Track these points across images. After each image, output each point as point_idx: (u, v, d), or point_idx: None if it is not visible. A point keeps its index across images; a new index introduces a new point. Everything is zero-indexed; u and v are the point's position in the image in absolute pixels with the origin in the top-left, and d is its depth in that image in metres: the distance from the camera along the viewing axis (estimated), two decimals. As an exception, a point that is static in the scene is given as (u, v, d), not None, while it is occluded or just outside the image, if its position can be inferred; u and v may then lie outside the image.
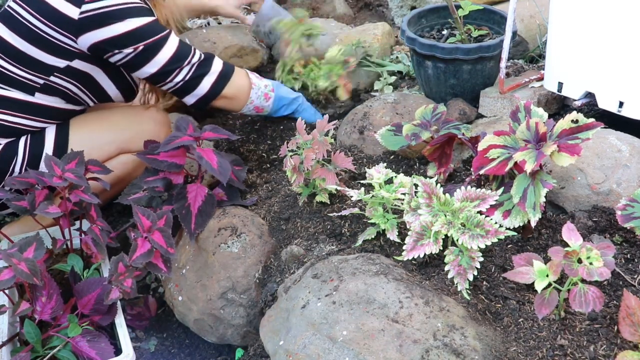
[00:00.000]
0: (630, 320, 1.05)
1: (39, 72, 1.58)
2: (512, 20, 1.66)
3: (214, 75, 1.73)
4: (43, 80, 1.59)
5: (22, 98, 1.60)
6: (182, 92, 1.73)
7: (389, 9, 2.72)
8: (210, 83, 1.73)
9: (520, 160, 1.26)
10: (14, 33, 1.55)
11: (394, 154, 1.74)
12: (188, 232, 1.55)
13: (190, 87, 1.71)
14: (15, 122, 1.61)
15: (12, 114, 1.60)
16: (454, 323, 1.13)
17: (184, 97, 1.74)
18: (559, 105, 1.82)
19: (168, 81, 1.68)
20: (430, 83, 1.90)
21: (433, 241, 1.24)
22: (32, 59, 1.56)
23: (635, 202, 1.28)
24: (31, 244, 1.36)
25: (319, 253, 1.45)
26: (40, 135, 1.65)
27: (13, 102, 1.60)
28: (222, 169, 1.55)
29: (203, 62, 1.71)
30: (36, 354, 1.32)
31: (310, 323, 1.17)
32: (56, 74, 1.59)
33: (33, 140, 1.64)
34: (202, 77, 1.71)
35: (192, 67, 1.68)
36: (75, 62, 1.60)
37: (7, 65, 1.57)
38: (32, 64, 1.57)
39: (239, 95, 1.81)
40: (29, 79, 1.58)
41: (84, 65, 1.62)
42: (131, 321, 1.70)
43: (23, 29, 1.54)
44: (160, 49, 1.62)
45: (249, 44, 2.37)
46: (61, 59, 1.58)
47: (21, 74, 1.58)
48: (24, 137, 1.64)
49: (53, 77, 1.59)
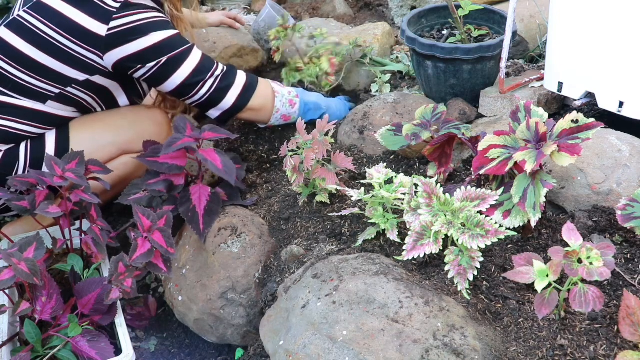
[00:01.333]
0: (631, 320, 1.05)
1: (56, 82, 1.58)
2: (512, 20, 1.66)
3: (239, 87, 1.72)
4: (59, 90, 1.59)
5: (30, 106, 1.60)
6: (207, 106, 1.71)
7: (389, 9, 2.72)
8: (236, 95, 1.71)
9: (521, 160, 1.26)
10: (27, 42, 1.54)
11: (394, 154, 1.74)
12: (197, 233, 1.55)
13: (216, 100, 1.70)
14: (18, 129, 1.61)
15: (17, 120, 1.60)
16: (454, 323, 1.13)
17: (209, 110, 1.73)
18: (559, 105, 1.82)
19: (193, 94, 1.67)
20: (430, 83, 1.90)
21: (433, 241, 1.24)
22: (50, 70, 1.56)
23: (636, 202, 1.28)
24: (31, 244, 1.36)
25: (319, 253, 1.45)
26: (40, 139, 1.65)
27: (20, 109, 1.59)
28: (227, 169, 1.54)
29: (226, 74, 1.70)
30: (36, 353, 1.32)
31: (310, 323, 1.17)
32: (74, 86, 1.60)
33: (34, 145, 1.64)
34: (227, 89, 1.70)
35: (216, 80, 1.67)
36: (96, 77, 1.61)
37: (19, 74, 1.56)
38: (50, 74, 1.57)
39: (266, 106, 1.79)
40: (43, 89, 1.58)
41: (104, 80, 1.63)
42: (131, 321, 1.70)
43: (39, 40, 1.53)
44: (183, 61, 1.61)
45: (249, 44, 2.38)
46: (82, 72, 1.58)
47: (36, 84, 1.57)
48: (25, 142, 1.64)
49: (70, 88, 1.60)
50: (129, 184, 1.71)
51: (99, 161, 1.57)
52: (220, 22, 2.42)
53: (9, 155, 1.62)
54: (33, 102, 1.59)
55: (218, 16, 2.42)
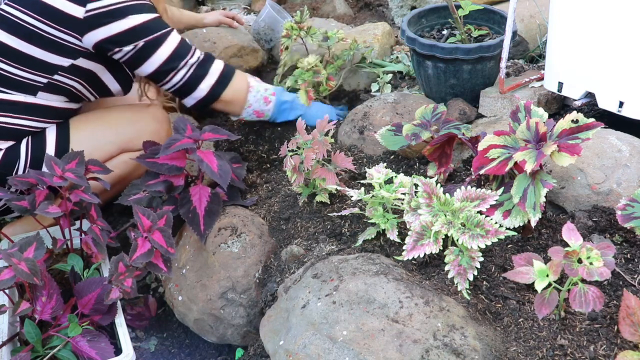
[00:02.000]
0: (631, 320, 1.05)
1: (42, 71, 1.58)
2: (512, 20, 1.66)
3: (212, 77, 1.72)
4: (47, 80, 1.59)
5: (22, 100, 1.60)
6: (181, 94, 1.73)
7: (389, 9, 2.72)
8: (209, 86, 1.72)
9: (521, 160, 1.26)
10: (10, 34, 1.55)
11: (394, 154, 1.74)
12: (198, 234, 1.55)
13: (189, 88, 1.70)
14: (15, 124, 1.61)
15: (12, 115, 1.60)
16: (454, 323, 1.13)
17: (184, 98, 1.74)
18: (559, 105, 1.82)
19: (167, 81, 1.67)
20: (430, 83, 1.90)
21: (433, 241, 1.24)
22: (35, 59, 1.56)
23: (636, 202, 1.28)
24: (31, 244, 1.36)
25: (319, 253, 1.45)
26: (41, 138, 1.65)
27: (12, 104, 1.59)
28: (223, 172, 1.54)
29: (202, 64, 1.70)
30: (36, 353, 1.32)
31: (310, 323, 1.17)
32: (60, 73, 1.60)
33: (34, 144, 1.64)
34: (200, 79, 1.70)
35: (190, 68, 1.67)
36: (80, 61, 1.60)
37: (7, 67, 1.57)
38: (35, 64, 1.57)
39: (238, 99, 1.80)
40: (31, 79, 1.58)
41: (88, 63, 1.62)
42: (131, 321, 1.70)
43: (21, 30, 1.54)
44: (159, 46, 1.61)
45: (249, 44, 2.38)
46: (66, 57, 1.58)
47: (23, 75, 1.57)
48: (25, 141, 1.64)
49: (57, 75, 1.60)
50: (128, 182, 1.71)
51: (98, 161, 1.57)
52: (219, 22, 2.42)
53: (10, 154, 1.62)
54: (24, 95, 1.60)
55: (216, 16, 2.42)
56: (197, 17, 2.40)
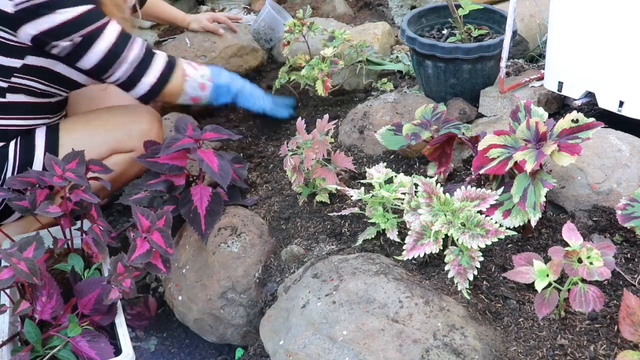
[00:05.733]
0: (631, 320, 1.05)
1: None
2: (512, 20, 1.66)
3: (155, 74, 1.67)
4: (6, 84, 1.57)
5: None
6: (125, 88, 1.68)
7: (389, 9, 2.72)
8: (150, 84, 1.67)
9: (521, 160, 1.26)
10: None
11: (394, 154, 1.74)
12: (199, 234, 1.54)
13: (130, 85, 1.66)
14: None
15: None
16: (454, 323, 1.13)
17: (129, 92, 1.70)
18: (559, 105, 1.82)
19: (108, 76, 1.63)
20: (430, 82, 1.90)
21: (433, 241, 1.24)
22: None
23: (636, 201, 1.28)
24: (31, 244, 1.35)
25: (319, 253, 1.45)
26: (30, 141, 1.64)
27: None
28: (223, 172, 1.54)
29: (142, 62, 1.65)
30: (36, 353, 1.32)
31: (310, 323, 1.17)
32: (16, 75, 1.57)
33: (23, 146, 1.62)
34: (140, 77, 1.65)
35: (130, 65, 1.62)
36: (29, 59, 1.56)
37: None
38: None
39: (176, 91, 1.75)
40: None
41: (39, 60, 1.58)
42: (131, 321, 1.70)
43: None
44: (95, 40, 1.55)
45: (249, 43, 2.38)
46: (14, 58, 1.55)
47: None
48: (13, 143, 1.62)
49: (14, 78, 1.57)
50: (120, 183, 1.70)
51: (99, 161, 1.57)
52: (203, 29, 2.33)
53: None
54: None
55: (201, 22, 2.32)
56: (179, 17, 2.30)
